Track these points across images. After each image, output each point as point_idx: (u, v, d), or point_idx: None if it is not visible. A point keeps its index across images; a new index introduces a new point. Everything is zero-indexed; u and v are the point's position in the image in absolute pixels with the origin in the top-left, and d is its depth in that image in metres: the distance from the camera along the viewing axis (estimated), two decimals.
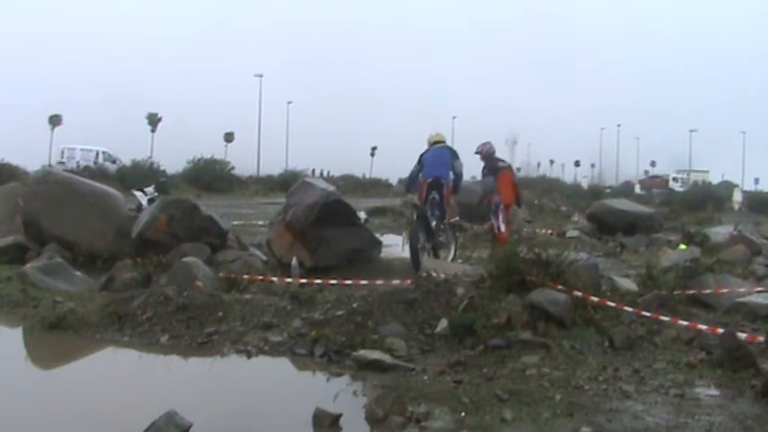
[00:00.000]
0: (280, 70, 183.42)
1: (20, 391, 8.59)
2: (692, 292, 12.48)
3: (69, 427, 7.44)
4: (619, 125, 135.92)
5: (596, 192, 72.89)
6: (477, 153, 20.58)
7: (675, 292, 11.75)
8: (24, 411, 7.80)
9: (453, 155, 18.38)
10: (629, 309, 10.50)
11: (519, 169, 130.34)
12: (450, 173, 18.19)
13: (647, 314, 10.38)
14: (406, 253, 18.37)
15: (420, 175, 18.11)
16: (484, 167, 20.83)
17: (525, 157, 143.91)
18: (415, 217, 18.05)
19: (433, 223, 17.71)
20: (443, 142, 18.60)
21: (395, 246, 19.32)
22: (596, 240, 25.40)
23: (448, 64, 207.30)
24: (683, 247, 20.87)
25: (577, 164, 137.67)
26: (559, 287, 10.42)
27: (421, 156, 18.36)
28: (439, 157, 18.22)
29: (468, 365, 8.88)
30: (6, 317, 12.27)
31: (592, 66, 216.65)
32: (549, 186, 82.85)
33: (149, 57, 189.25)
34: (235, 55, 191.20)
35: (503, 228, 19.92)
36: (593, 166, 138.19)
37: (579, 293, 10.40)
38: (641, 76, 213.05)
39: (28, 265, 14.68)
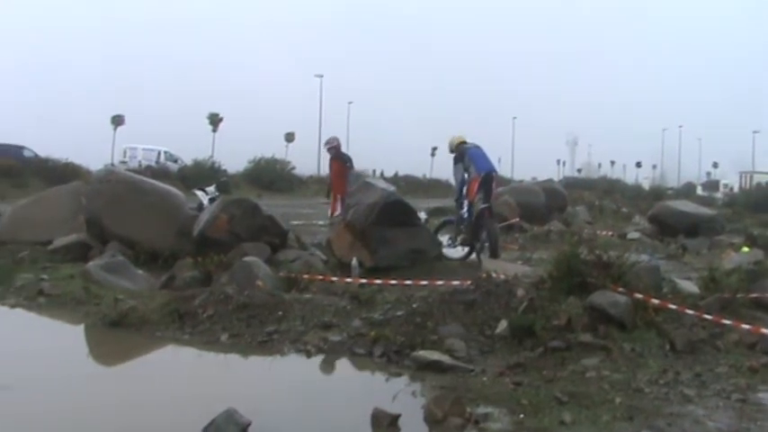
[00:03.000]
0: (341, 68, 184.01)
1: (82, 387, 8.69)
2: (755, 295, 12.28)
3: (130, 422, 7.50)
4: (681, 126, 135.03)
5: (658, 193, 72.25)
6: (329, 147, 22.04)
7: (738, 296, 11.59)
8: (86, 406, 7.90)
9: None
10: (691, 311, 10.39)
11: (580, 170, 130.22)
12: None
13: (709, 317, 10.26)
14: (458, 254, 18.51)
15: (471, 170, 18.20)
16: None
17: (586, 158, 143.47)
18: (465, 215, 18.21)
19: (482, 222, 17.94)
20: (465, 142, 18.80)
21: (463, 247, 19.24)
22: (657, 242, 25.17)
23: (508, 65, 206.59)
24: (745, 249, 20.62)
25: (639, 165, 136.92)
26: (620, 289, 10.34)
27: (461, 156, 18.51)
28: (483, 152, 18.49)
29: (528, 367, 8.85)
30: (70, 314, 12.38)
31: (654, 66, 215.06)
32: (609, 187, 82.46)
33: (212, 57, 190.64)
34: (297, 53, 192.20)
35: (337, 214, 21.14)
36: (654, 167, 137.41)
37: (640, 296, 10.32)
38: (704, 77, 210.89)
39: (90, 263, 14.80)
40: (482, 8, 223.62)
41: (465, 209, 18.51)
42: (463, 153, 18.50)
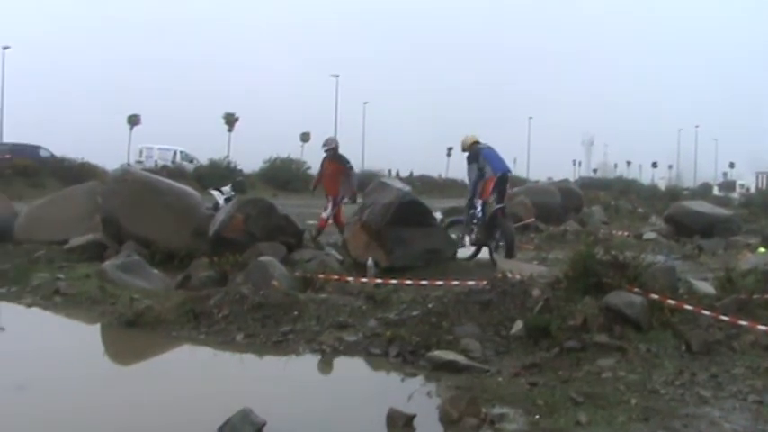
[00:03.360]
0: (357, 67, 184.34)
1: (97, 386, 8.73)
2: None
3: (145, 422, 7.53)
4: (697, 126, 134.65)
5: (674, 193, 72.05)
6: (327, 148, 21.59)
7: (755, 296, 11.52)
8: (101, 406, 7.93)
9: None
10: (707, 312, 10.34)
11: (595, 170, 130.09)
12: None
13: (725, 318, 10.21)
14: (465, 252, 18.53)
15: (486, 170, 18.21)
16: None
17: (602, 158, 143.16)
18: (479, 214, 18.23)
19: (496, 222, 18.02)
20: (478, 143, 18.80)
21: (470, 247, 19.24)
22: (674, 242, 25.09)
23: (524, 64, 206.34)
24: (762, 250, 20.58)
25: (654, 165, 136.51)
26: (636, 290, 10.32)
27: (474, 156, 18.51)
28: (496, 152, 18.53)
29: (544, 367, 8.84)
30: (85, 313, 12.45)
31: (671, 66, 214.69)
32: (625, 188, 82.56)
33: (226, 57, 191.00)
34: (313, 53, 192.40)
35: (324, 215, 20.77)
36: (670, 167, 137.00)
37: (656, 296, 10.29)
38: (720, 77, 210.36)
39: (106, 263, 14.84)
40: (497, 7, 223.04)
41: (479, 208, 18.51)
42: (477, 153, 18.50)
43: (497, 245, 18.22)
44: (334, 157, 21.02)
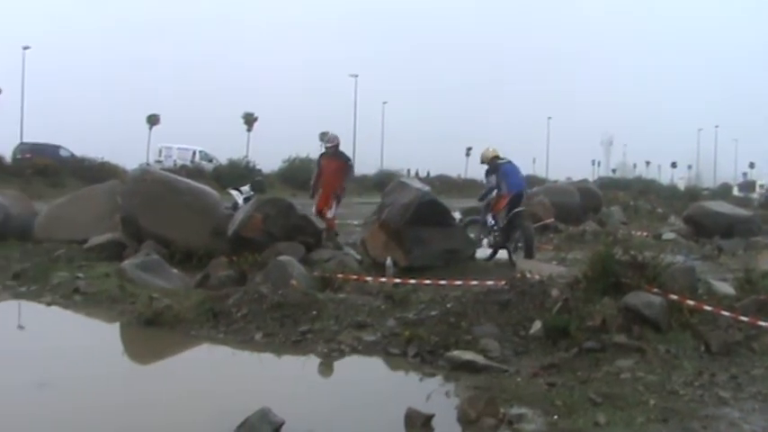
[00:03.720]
0: (376, 67, 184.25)
1: (117, 385, 8.75)
2: None
3: (164, 420, 7.55)
4: (716, 126, 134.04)
5: (693, 193, 71.63)
6: (330, 145, 21.31)
7: None
8: (121, 404, 7.94)
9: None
10: (727, 313, 10.29)
11: (614, 170, 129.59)
12: None
13: (745, 319, 10.17)
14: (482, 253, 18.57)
15: (502, 186, 18.30)
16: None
17: (621, 158, 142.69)
18: (492, 222, 18.33)
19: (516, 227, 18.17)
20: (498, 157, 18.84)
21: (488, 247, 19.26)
22: (693, 243, 24.98)
23: (544, 64, 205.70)
24: None
25: (674, 165, 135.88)
26: (655, 290, 10.29)
27: (494, 169, 18.64)
28: (517, 169, 18.71)
29: (562, 368, 8.82)
30: (105, 312, 12.48)
31: (691, 66, 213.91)
32: (644, 188, 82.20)
33: (246, 57, 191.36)
34: (331, 52, 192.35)
35: (329, 215, 20.11)
36: (689, 167, 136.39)
37: (675, 297, 10.26)
38: (741, 77, 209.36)
39: (126, 262, 14.88)
40: (515, 6, 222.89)
41: (491, 221, 18.68)
42: (497, 168, 18.62)
43: (516, 245, 18.26)
44: (335, 154, 20.82)
